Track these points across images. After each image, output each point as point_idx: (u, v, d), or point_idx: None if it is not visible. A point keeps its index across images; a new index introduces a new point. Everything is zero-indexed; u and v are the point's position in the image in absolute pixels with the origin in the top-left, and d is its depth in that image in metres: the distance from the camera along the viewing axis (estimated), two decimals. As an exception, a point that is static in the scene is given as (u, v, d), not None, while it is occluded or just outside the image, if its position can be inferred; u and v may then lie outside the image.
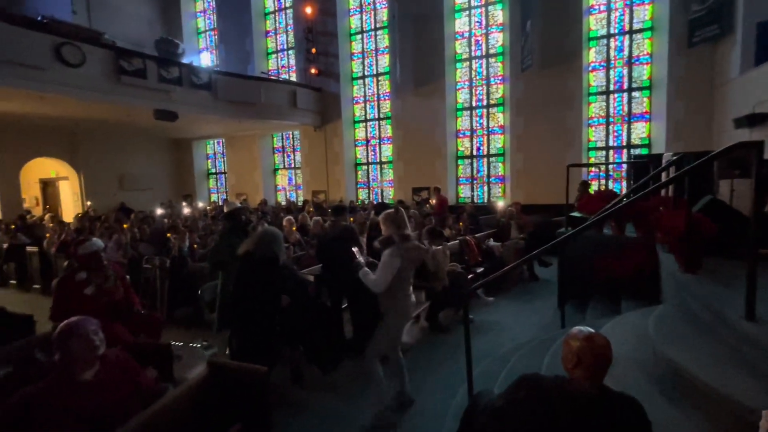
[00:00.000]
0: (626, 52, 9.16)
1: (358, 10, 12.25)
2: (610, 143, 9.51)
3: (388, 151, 12.33)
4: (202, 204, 13.36)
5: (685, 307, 2.51)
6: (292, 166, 14.41)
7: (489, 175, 10.97)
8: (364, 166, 12.87)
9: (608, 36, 9.29)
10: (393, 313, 2.75)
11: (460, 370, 3.44)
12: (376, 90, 12.35)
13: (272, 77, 13.04)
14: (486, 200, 10.93)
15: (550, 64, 9.31)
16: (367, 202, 11.69)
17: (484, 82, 10.76)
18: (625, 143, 9.37)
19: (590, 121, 9.63)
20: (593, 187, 9.09)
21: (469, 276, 5.05)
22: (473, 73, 10.87)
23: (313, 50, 12.28)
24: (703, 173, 4.24)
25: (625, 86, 9.24)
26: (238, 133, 13.85)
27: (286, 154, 14.54)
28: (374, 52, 12.20)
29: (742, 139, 3.45)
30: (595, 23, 9.40)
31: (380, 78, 12.21)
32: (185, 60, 10.40)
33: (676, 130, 8.35)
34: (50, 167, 13.10)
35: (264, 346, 3.03)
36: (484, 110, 10.83)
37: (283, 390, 3.21)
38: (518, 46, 9.53)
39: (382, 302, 2.76)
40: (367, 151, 12.75)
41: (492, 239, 6.53)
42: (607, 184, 8.82)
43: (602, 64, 9.41)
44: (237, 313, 3.19)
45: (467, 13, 10.76)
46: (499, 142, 10.76)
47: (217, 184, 16.08)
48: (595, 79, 9.52)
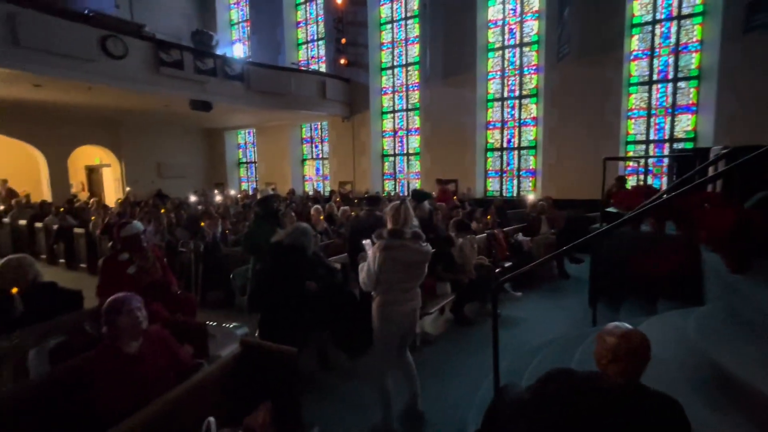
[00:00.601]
0: (673, 39, 8.62)
1: (389, -1, 12.14)
2: (651, 136, 9.03)
3: (415, 142, 12.25)
4: (233, 192, 13.77)
5: (732, 309, 2.37)
6: (320, 156, 14.58)
7: (519, 169, 10.69)
8: (391, 158, 12.84)
9: (653, 22, 8.76)
10: (379, 315, 2.54)
11: (483, 364, 3.42)
12: (405, 80, 12.24)
13: (302, 68, 13.18)
14: (515, 194, 10.68)
15: (589, 53, 8.90)
16: (393, 194, 11.68)
17: (517, 72, 10.43)
18: (667, 137, 8.87)
19: (630, 113, 9.16)
20: (629, 182, 8.69)
21: (497, 270, 4.97)
22: (506, 63, 10.56)
23: (343, 40, 12.29)
24: (758, 169, 3.94)
25: (670, 76, 8.71)
26: (268, 123, 14.13)
27: (314, 145, 14.72)
28: (404, 41, 12.07)
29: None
30: (639, 9, 8.87)
31: (409, 68, 12.08)
32: (219, 51, 10.67)
33: (726, 122, 7.81)
34: (95, 155, 13.88)
35: (290, 330, 3.12)
36: (516, 101, 10.52)
37: (310, 373, 3.30)
38: (554, 35, 9.15)
39: (375, 294, 2.57)
40: (394, 142, 12.70)
41: (521, 234, 6.39)
42: (645, 180, 8.38)
43: (645, 52, 8.90)
44: (265, 298, 3.30)
45: (501, 0, 10.42)
46: (531, 134, 10.44)
47: (247, 173, 16.52)
48: (637, 69, 9.02)
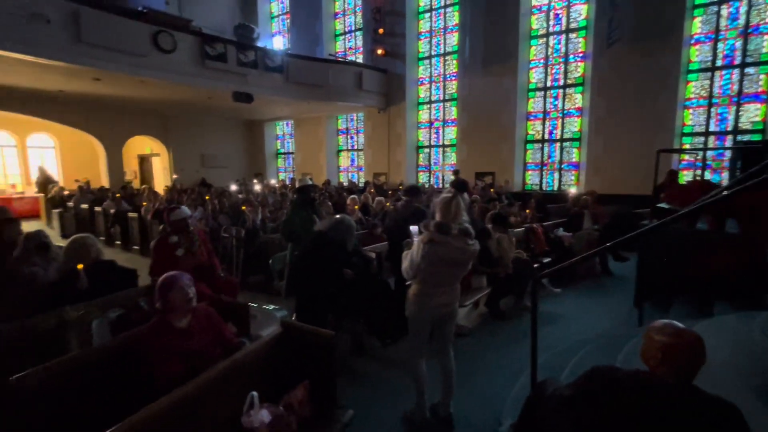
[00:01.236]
0: (742, 21, 7.85)
1: (428, -13, 11.90)
2: (711, 128, 8.33)
3: (451, 133, 12.04)
4: (272, 182, 14.21)
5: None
6: (355, 147, 14.70)
7: (561, 161, 10.24)
8: (426, 149, 12.72)
9: (719, 2, 8.02)
10: (413, 303, 2.52)
11: (519, 359, 3.36)
12: (442, 70, 12.02)
13: (339, 59, 13.27)
14: (556, 188, 10.27)
15: (643, 38, 8.31)
16: (427, 186, 11.59)
17: (562, 60, 9.94)
18: (730, 128, 8.15)
19: (687, 103, 8.49)
20: (683, 177, 8.12)
21: (535, 265, 4.82)
22: (550, 51, 10.09)
23: (380, 31, 12.22)
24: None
25: (737, 61, 7.96)
26: (305, 114, 14.40)
27: (349, 136, 14.85)
28: (442, 30, 11.82)
29: None
30: (703, -12, 8.17)
31: (447, 58, 11.84)
32: (260, 44, 10.96)
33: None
34: (146, 145, 14.78)
35: (324, 316, 3.20)
36: (560, 91, 10.04)
37: (344, 359, 3.37)
38: (604, 19, 8.62)
39: (413, 285, 2.55)
40: (430, 133, 12.56)
41: (562, 229, 6.14)
42: (703, 174, 7.78)
43: (709, 35, 8.18)
44: (302, 284, 3.41)
45: (547, -16, 9.94)
46: (575, 125, 9.95)
47: (285, 163, 16.98)
48: (698, 54, 8.32)
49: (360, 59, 13.29)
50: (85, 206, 9.30)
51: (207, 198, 7.68)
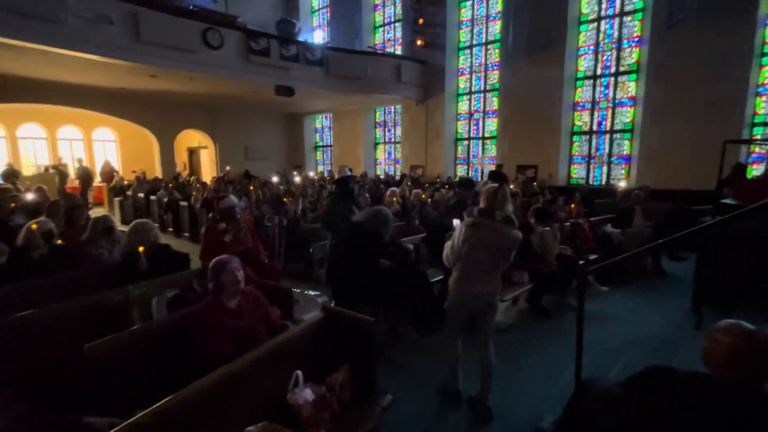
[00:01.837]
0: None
1: (471, -26, 11.55)
2: (787, 117, 7.51)
3: (492, 125, 11.70)
4: (311, 174, 14.55)
5: None
6: (392, 140, 14.68)
7: (610, 154, 9.66)
8: (465, 142, 12.46)
9: (803, -25, 7.16)
10: (453, 290, 2.56)
11: (561, 357, 3.25)
12: (483, 60, 11.67)
13: (378, 51, 13.26)
14: (604, 182, 9.72)
15: (709, 18, 7.60)
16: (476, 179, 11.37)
17: (614, 46, 9.32)
18: (811, 117, 7.31)
19: (760, 89, 7.69)
20: (751, 171, 7.41)
21: (580, 262, 4.61)
22: (601, 36, 9.49)
23: (420, 21, 12.05)
24: None
25: (822, 41, 7.09)
26: (344, 107, 14.56)
27: (387, 129, 14.85)
28: (485, 18, 11.46)
29: None
30: (783, -41, 7.31)
31: (489, 47, 11.48)
32: (301, 38, 11.18)
33: None
34: (195, 138, 15.60)
35: (361, 305, 3.25)
36: (611, 79, 9.44)
37: (381, 348, 3.41)
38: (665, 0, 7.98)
39: (454, 270, 2.58)
40: (470, 125, 12.28)
41: (610, 225, 5.82)
42: (775, 169, 7.06)
43: (789, 13, 7.33)
44: (338, 272, 3.48)
45: (600, -36, 9.33)
46: (627, 115, 9.33)
47: (323, 156, 17.31)
48: (775, 35, 7.49)
49: (399, 51, 13.20)
50: (141, 195, 10.01)
51: (251, 188, 8.01)
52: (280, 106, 14.28)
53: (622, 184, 8.55)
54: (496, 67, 11.32)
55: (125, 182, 11.93)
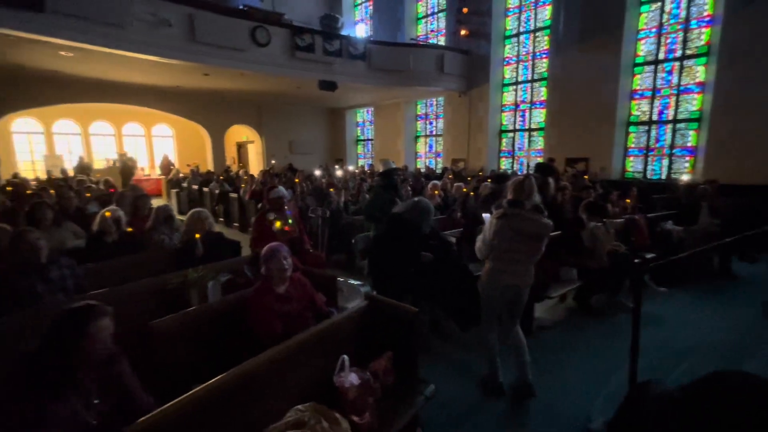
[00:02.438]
0: None
1: (519, -42, 11.06)
2: None
3: (539, 116, 11.20)
4: (351, 167, 14.75)
5: None
6: (434, 133, 14.51)
7: (672, 146, 8.92)
8: (510, 134, 12.04)
9: None
10: (485, 279, 2.64)
11: (610, 358, 3.11)
12: (531, 48, 11.17)
13: (421, 43, 13.10)
14: (664, 176, 9.00)
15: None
16: (510, 173, 11.02)
17: (681, 27, 8.54)
18: None
19: None
20: None
21: (635, 260, 4.31)
22: (665, 17, 8.73)
23: (464, 10, 11.74)
24: None
25: None
26: (385, 101, 14.58)
27: (428, 122, 14.69)
28: (533, 4, 10.95)
29: None
30: None
31: (538, 34, 10.96)
32: (344, 32, 11.29)
33: None
34: (243, 133, 16.34)
35: (401, 297, 3.26)
36: (676, 64, 8.67)
37: (422, 339, 3.41)
38: (742, -28, 7.18)
39: (483, 268, 2.69)
40: (515, 117, 11.84)
41: (671, 222, 5.39)
42: None
43: None
44: (379, 263, 3.50)
45: (665, -62, 8.55)
46: (693, 103, 8.55)
47: (364, 150, 17.47)
48: None
49: (442, 42, 12.96)
50: (195, 187, 10.67)
51: (297, 181, 8.27)
52: (323, 101, 14.57)
53: (685, 178, 7.88)
54: (544, 55, 10.80)
55: (181, 175, 12.77)
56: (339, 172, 12.11)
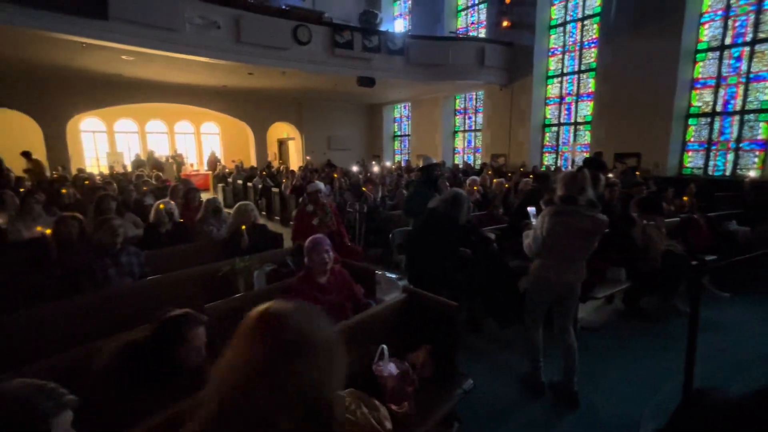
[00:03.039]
0: None
1: (567, -58, 10.51)
2: None
3: (586, 109, 10.64)
4: (388, 163, 14.81)
5: None
6: (473, 128, 14.21)
7: (739, 139, 8.15)
8: (554, 128, 11.54)
9: None
10: (534, 276, 2.57)
11: (661, 363, 2.96)
12: (579, 37, 10.61)
13: (460, 36, 12.84)
14: (729, 172, 8.26)
15: None
16: (553, 169, 10.58)
17: (752, 9, 7.75)
18: None
19: None
20: None
21: (693, 262, 4.01)
22: (733, -2, 7.96)
23: (507, 0, 11.35)
24: None
25: None
26: (423, 96, 14.46)
27: (467, 116, 14.41)
28: (582, -9, 10.38)
29: None
30: None
31: (586, 22, 10.38)
32: (382, 28, 11.30)
33: None
34: (284, 130, 16.85)
35: (437, 292, 3.24)
36: (745, 49, 7.90)
37: (460, 335, 3.39)
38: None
39: (532, 265, 2.62)
40: (560, 110, 11.32)
41: (735, 222, 4.95)
42: None
43: None
44: (415, 258, 3.50)
45: None
46: (765, 92, 7.75)
47: (401, 146, 17.45)
48: None
49: (482, 34, 12.64)
50: (239, 182, 11.17)
51: (335, 176, 8.43)
52: (361, 97, 14.70)
53: (752, 174, 7.20)
54: (593, 45, 10.23)
55: (227, 170, 13.42)
56: (375, 168, 12.19)
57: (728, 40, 8.09)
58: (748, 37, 7.83)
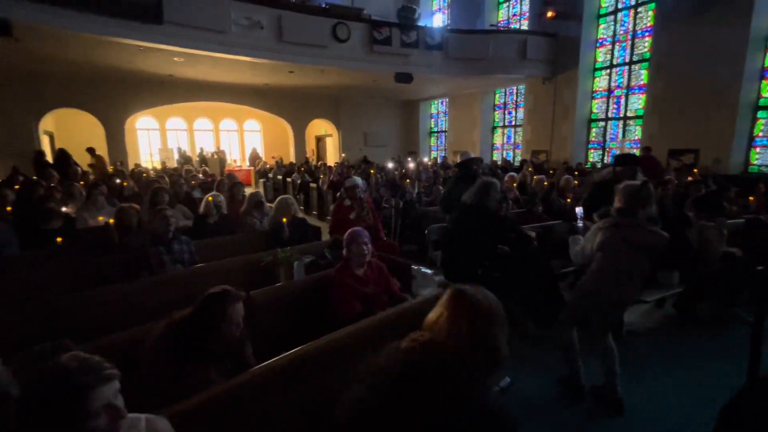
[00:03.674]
0: None
1: (620, -76, 9.89)
2: None
3: (637, 102, 10.00)
4: (425, 159, 14.71)
5: None
6: (513, 123, 13.79)
7: (817, 134, 7.34)
8: (601, 123, 10.94)
9: None
10: (582, 289, 2.44)
11: (717, 376, 2.75)
12: (631, 26, 9.97)
13: (501, 29, 12.47)
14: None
15: None
16: (599, 165, 10.05)
17: (836, -13, 6.93)
18: None
19: None
20: None
21: (758, 267, 3.68)
22: (814, -24, 7.15)
23: (552, -11, 10.88)
24: None
25: None
26: (461, 91, 14.21)
27: (507, 111, 14.00)
28: (636, -24, 9.74)
29: None
30: None
31: (640, 9, 9.73)
32: (420, 23, 11.20)
33: None
34: (321, 127, 17.19)
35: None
36: (827, 32, 7.07)
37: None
38: None
39: (588, 271, 2.43)
40: (608, 103, 10.72)
41: (809, 224, 4.47)
42: None
43: None
44: (449, 255, 3.46)
45: None
46: None
47: (437, 142, 17.27)
48: None
49: (525, 26, 12.20)
50: (279, 177, 11.55)
51: (372, 172, 8.50)
52: (398, 94, 14.68)
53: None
54: (647, 34, 9.57)
55: (267, 166, 13.91)
56: (411, 165, 12.15)
57: (807, 24, 7.29)
58: (832, 20, 7.01)
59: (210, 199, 4.10)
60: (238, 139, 17.69)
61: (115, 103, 11.87)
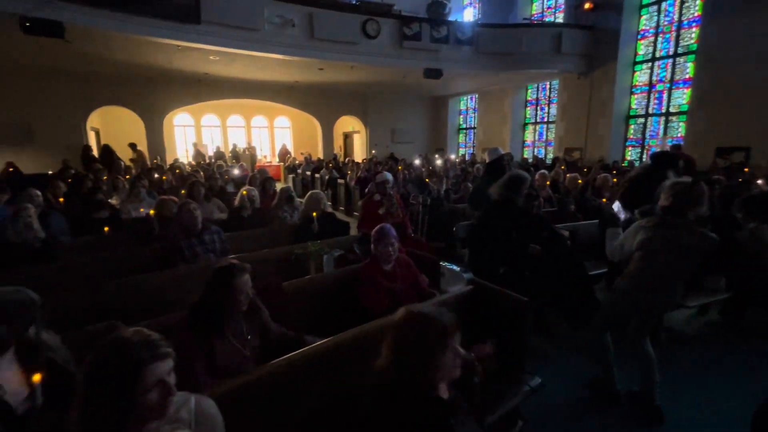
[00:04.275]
0: None
1: None
2: None
3: (681, 98, 9.46)
4: (452, 157, 14.54)
5: None
6: (545, 120, 13.38)
7: None
8: (640, 119, 10.43)
9: None
10: (619, 289, 2.34)
11: (763, 389, 2.54)
12: (676, 16, 9.42)
13: (534, 22, 12.10)
14: None
15: None
16: (637, 164, 9.59)
17: None
18: None
19: None
20: None
21: (816, 274, 3.41)
22: None
23: (591, -20, 10.43)
24: None
25: None
26: (491, 87, 13.91)
27: (539, 107, 13.60)
28: (683, -37, 9.19)
29: None
30: None
31: (686, -1, 9.19)
32: (451, 18, 11.03)
33: None
34: (349, 123, 17.31)
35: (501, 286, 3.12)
36: None
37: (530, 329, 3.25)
38: None
39: (625, 271, 2.33)
40: (648, 99, 10.19)
41: None
42: None
43: None
44: (476, 252, 3.40)
45: None
46: None
47: (465, 138, 17.02)
48: None
49: (559, 19, 11.77)
50: (308, 173, 11.74)
51: (399, 168, 8.50)
52: (426, 90, 14.55)
53: None
54: (694, 24, 9.02)
55: (296, 162, 14.17)
56: (439, 162, 12.03)
57: None
58: None
59: (245, 193, 4.23)
60: (269, 135, 18.11)
61: (154, 100, 12.44)
